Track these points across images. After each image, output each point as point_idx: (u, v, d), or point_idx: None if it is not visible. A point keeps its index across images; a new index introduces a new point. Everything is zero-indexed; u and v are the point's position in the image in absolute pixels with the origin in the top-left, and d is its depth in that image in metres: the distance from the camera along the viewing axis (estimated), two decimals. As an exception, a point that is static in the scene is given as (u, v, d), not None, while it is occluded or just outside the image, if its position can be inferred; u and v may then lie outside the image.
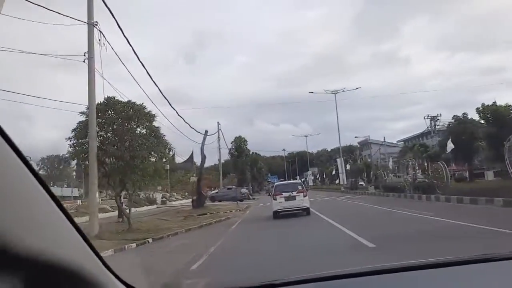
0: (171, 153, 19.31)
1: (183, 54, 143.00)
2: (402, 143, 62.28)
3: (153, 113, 16.17)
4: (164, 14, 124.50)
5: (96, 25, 13.81)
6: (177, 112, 19.47)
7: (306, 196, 17.96)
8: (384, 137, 56.37)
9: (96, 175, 13.92)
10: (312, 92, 51.37)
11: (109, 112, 15.39)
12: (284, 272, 2.90)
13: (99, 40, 13.77)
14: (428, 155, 36.01)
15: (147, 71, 16.20)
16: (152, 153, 15.59)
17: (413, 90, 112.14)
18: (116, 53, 14.66)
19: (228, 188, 42.44)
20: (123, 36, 14.27)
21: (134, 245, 11.87)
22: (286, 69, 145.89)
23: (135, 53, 15.20)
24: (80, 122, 14.97)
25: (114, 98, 15.55)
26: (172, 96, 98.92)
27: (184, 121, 21.79)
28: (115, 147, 14.79)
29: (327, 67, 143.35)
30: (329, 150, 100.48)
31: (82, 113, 14.87)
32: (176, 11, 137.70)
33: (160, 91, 18.01)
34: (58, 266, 0.74)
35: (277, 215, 17.45)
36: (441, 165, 24.57)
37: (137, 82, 16.74)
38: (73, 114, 15.17)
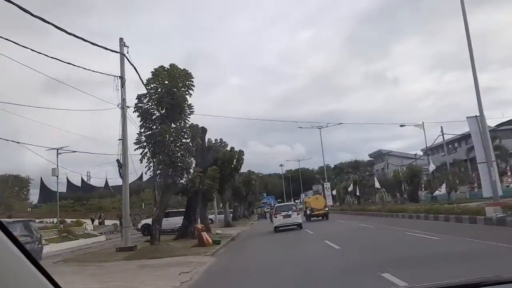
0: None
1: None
2: (422, 153, 52.52)
3: None
4: (159, 36, 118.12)
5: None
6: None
7: (299, 214, 23.41)
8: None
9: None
10: None
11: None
12: None
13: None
14: None
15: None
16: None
17: (406, 110, 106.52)
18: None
19: None
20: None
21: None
22: (282, 89, 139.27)
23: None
24: None
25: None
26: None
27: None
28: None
29: (321, 88, 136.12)
30: (332, 166, 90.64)
31: None
32: (171, 34, 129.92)
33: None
34: None
35: (277, 229, 22.21)
36: None
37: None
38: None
